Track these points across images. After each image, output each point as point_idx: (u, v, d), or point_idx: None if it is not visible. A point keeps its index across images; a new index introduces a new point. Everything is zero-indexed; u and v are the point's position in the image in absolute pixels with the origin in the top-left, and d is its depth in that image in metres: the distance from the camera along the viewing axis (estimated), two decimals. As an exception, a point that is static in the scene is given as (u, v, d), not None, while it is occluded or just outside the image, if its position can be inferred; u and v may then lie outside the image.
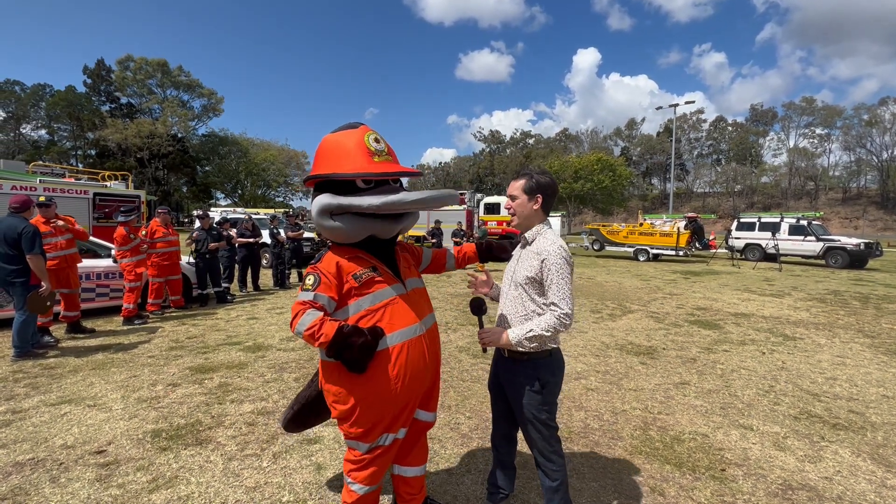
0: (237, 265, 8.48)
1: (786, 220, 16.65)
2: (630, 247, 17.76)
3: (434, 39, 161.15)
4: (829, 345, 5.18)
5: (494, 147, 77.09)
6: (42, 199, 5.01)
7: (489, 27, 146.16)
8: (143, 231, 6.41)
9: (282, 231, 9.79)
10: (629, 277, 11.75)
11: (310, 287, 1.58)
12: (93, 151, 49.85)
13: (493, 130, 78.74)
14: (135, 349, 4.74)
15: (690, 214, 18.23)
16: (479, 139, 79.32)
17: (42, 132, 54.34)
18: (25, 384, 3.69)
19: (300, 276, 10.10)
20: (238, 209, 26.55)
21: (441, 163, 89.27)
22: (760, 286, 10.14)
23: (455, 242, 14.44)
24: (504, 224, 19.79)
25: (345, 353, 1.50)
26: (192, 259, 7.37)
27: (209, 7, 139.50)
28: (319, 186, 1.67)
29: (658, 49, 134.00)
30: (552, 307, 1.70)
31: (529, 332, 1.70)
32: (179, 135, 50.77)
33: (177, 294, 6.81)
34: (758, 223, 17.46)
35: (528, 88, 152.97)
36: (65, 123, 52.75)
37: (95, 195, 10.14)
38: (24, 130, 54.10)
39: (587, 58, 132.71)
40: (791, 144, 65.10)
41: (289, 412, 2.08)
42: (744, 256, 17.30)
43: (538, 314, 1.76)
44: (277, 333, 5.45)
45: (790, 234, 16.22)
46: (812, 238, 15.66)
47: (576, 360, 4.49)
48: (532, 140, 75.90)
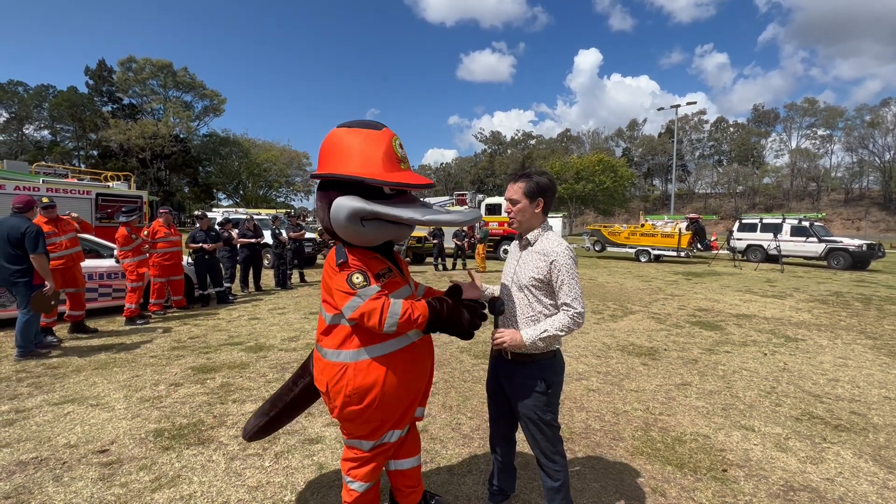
0: (239, 265, 8.51)
1: (788, 222, 16.64)
2: (631, 248, 17.76)
3: (435, 40, 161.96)
4: (831, 346, 5.17)
5: (495, 148, 77.08)
6: (46, 201, 5.04)
7: (490, 27, 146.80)
8: (145, 231, 6.44)
9: (283, 231, 9.81)
10: (630, 278, 11.75)
11: (365, 283, 1.54)
12: (95, 152, 49.98)
13: (495, 131, 79.00)
14: (137, 349, 4.76)
15: (692, 215, 18.21)
16: (480, 140, 79.55)
17: (45, 133, 54.62)
18: (29, 384, 3.71)
19: (301, 277, 10.13)
20: (240, 210, 26.66)
21: (442, 163, 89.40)
22: (762, 287, 10.13)
23: (456, 244, 14.44)
24: (505, 225, 19.75)
25: (456, 323, 1.63)
26: (190, 259, 7.40)
27: (209, 7, 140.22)
28: (335, 184, 1.58)
29: (660, 49, 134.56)
30: (565, 307, 1.71)
31: (544, 333, 1.70)
32: (181, 135, 50.92)
33: (179, 294, 6.83)
34: (760, 224, 17.46)
35: (530, 89, 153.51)
36: (67, 124, 52.89)
37: (98, 195, 10.17)
38: (27, 131, 54.33)
39: (589, 58, 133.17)
40: (793, 145, 65.05)
41: (253, 426, 2.04)
42: (745, 257, 17.27)
43: (545, 315, 1.76)
44: (279, 334, 5.47)
45: (792, 236, 16.21)
46: (814, 239, 15.64)
47: (577, 361, 4.49)
48: (533, 141, 75.87)
